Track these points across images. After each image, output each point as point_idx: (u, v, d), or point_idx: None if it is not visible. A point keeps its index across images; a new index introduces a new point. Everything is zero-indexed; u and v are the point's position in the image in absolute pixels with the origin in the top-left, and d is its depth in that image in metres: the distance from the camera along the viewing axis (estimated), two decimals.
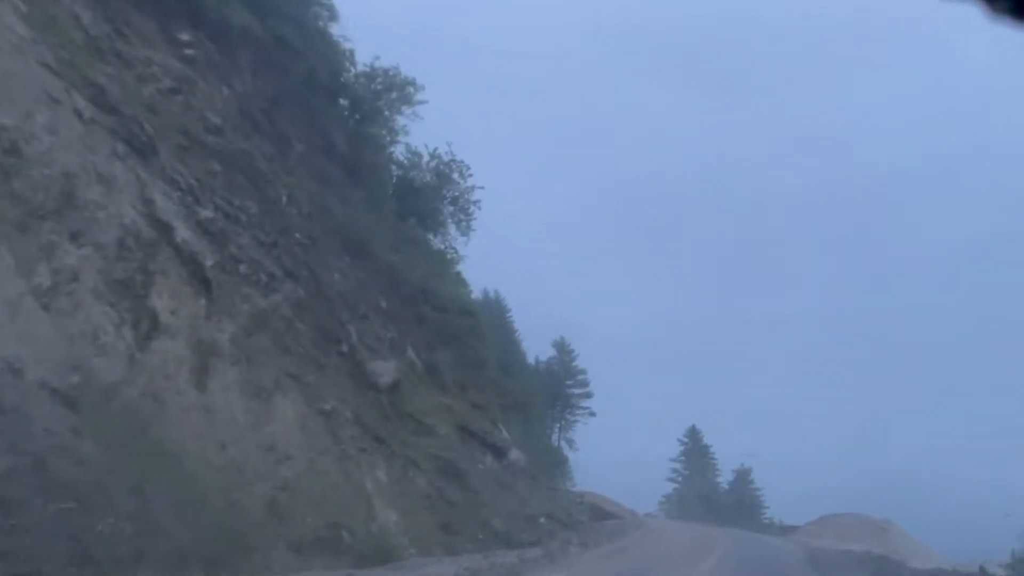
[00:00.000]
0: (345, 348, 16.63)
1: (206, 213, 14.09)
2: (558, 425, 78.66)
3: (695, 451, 75.83)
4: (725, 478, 74.23)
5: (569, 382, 78.97)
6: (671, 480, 76.31)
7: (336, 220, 18.96)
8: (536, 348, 77.16)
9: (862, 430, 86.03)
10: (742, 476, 75.00)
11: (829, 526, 29.13)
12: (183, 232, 12.75)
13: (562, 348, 79.59)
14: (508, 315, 73.56)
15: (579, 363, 78.62)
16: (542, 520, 17.34)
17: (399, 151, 25.41)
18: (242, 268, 14.27)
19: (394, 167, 25.02)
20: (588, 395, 78.67)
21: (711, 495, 74.30)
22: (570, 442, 79.14)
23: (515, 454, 19.91)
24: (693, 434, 75.88)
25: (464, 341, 22.12)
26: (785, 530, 38.84)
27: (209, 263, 13.12)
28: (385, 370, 17.12)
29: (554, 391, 75.64)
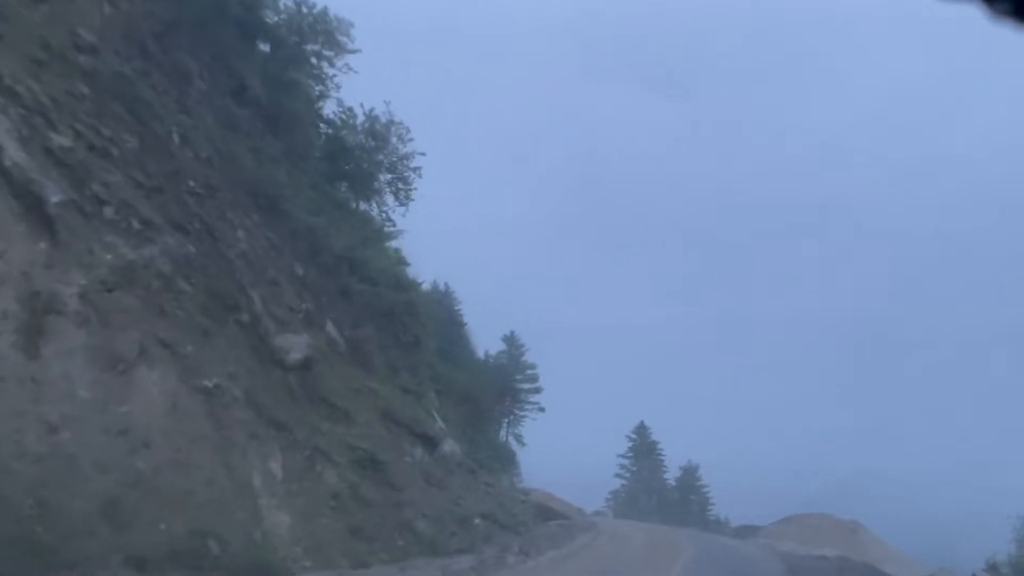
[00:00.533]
0: (246, 317, 13.92)
1: (61, 140, 11.24)
2: (506, 421, 76.81)
3: (643, 448, 74.91)
4: (672, 474, 73.55)
5: (518, 377, 76.89)
6: (619, 476, 75.17)
7: (245, 172, 16.19)
8: (487, 343, 75.17)
9: (813, 431, 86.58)
10: (689, 473, 74.41)
11: (795, 527, 27.59)
12: (16, 154, 9.93)
13: (512, 343, 77.40)
14: (458, 308, 71.52)
15: (529, 358, 76.97)
16: (477, 522, 14.99)
17: (330, 108, 22.65)
18: (107, 211, 11.46)
19: (323, 125, 22.22)
20: (538, 390, 76.52)
21: (658, 492, 73.56)
22: (519, 438, 77.00)
23: (450, 446, 17.49)
24: (641, 431, 74.83)
25: (397, 319, 19.58)
26: (745, 531, 37.33)
27: (55, 199, 10.32)
28: (295, 345, 14.48)
29: (503, 386, 73.69)
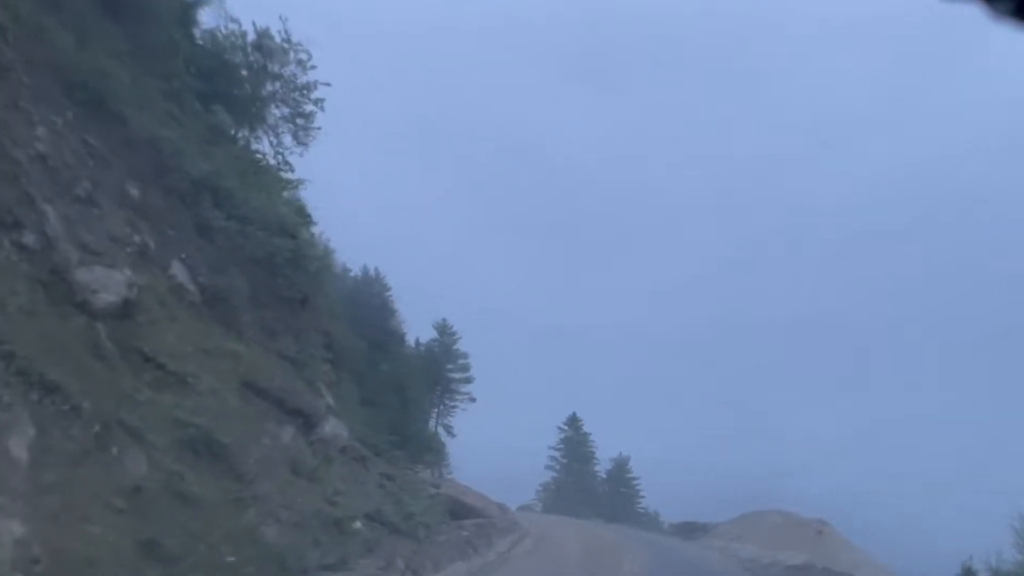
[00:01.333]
0: (31, 239, 9.83)
1: None
2: (436, 411, 72.88)
3: (575, 440, 72.60)
4: (603, 467, 71.60)
5: (450, 366, 73.21)
6: (550, 468, 72.64)
7: (57, 54, 11.95)
8: (419, 332, 71.22)
9: (744, 428, 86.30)
10: (619, 466, 72.72)
11: (751, 526, 24.72)
12: None
13: (444, 330, 73.45)
14: (388, 294, 67.13)
15: (461, 347, 73.32)
16: (358, 525, 11.25)
17: (208, 16, 18.38)
18: None
19: (199, 33, 17.96)
20: (469, 380, 73.09)
21: (589, 485, 71.38)
22: (448, 429, 73.36)
23: (333, 426, 13.67)
24: (573, 422, 72.49)
25: (280, 270, 15.61)
26: (690, 530, 34.38)
27: None
28: (108, 283, 10.45)
29: (434, 375, 69.76)
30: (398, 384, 55.39)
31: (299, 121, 20.49)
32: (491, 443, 75.61)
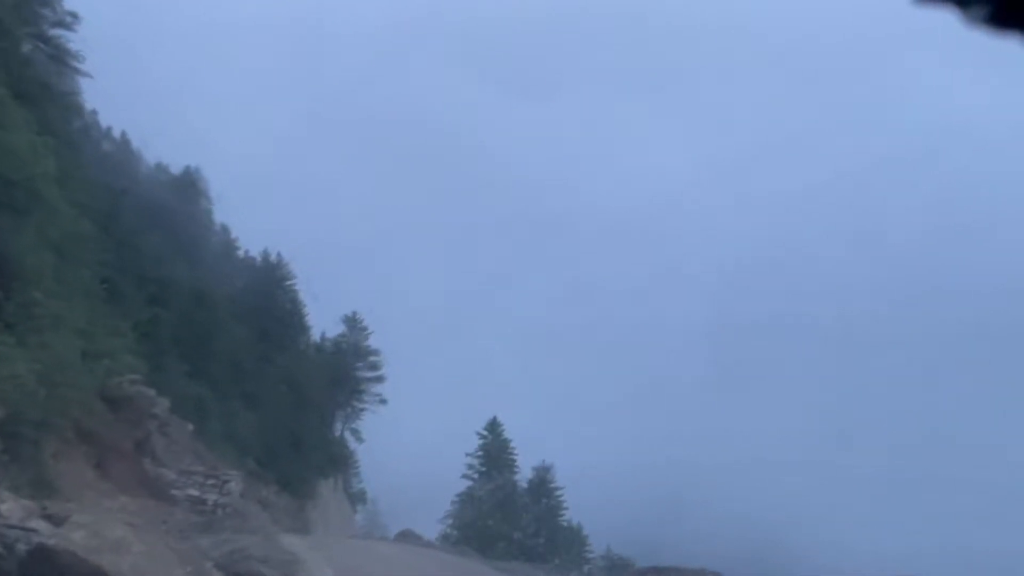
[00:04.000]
0: None
1: None
2: (342, 413, 67.16)
3: (495, 446, 67.92)
4: (524, 476, 67.15)
5: (359, 364, 67.80)
6: (467, 477, 67.56)
7: None
8: (326, 326, 65.49)
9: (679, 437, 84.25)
10: (541, 474, 68.28)
11: None
12: None
13: (353, 324, 68.17)
14: (290, 283, 61.31)
15: (372, 343, 67.97)
16: None
17: None
18: None
19: None
20: (380, 379, 67.85)
21: (508, 496, 66.66)
22: (356, 434, 67.73)
23: None
24: (494, 427, 67.76)
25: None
26: None
27: None
28: None
29: (340, 373, 64.22)
30: (293, 381, 50.35)
31: None
32: (404, 449, 70.39)
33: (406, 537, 37.56)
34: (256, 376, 43.31)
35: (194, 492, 17.24)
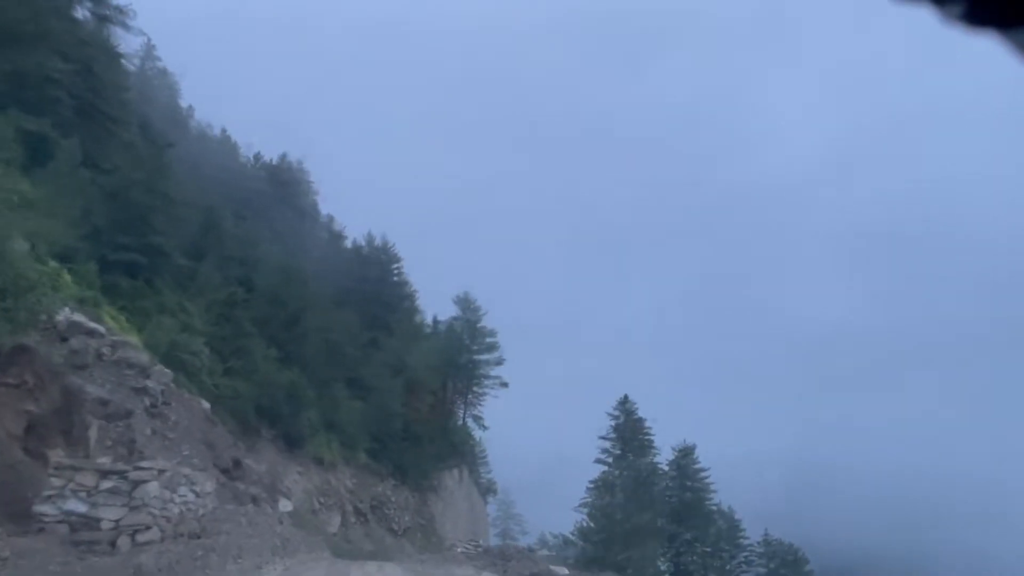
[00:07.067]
0: None
1: None
2: (462, 399, 63.76)
3: (628, 427, 61.53)
4: (662, 457, 60.42)
5: (475, 347, 64.10)
6: (601, 462, 61.58)
7: None
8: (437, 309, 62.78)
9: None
10: (684, 456, 61.45)
11: None
12: None
13: (466, 305, 64.66)
14: (397, 266, 58.78)
15: (487, 323, 64.05)
16: None
17: None
18: None
19: None
20: (499, 361, 63.93)
21: (647, 479, 60.10)
22: (479, 420, 64.21)
23: None
24: (625, 406, 61.35)
25: None
26: None
27: None
28: None
29: (456, 357, 60.82)
30: (405, 367, 46.96)
31: None
32: (531, 435, 66.09)
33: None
34: (362, 362, 40.12)
35: (79, 507, 10.26)
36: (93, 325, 12.87)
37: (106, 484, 10.33)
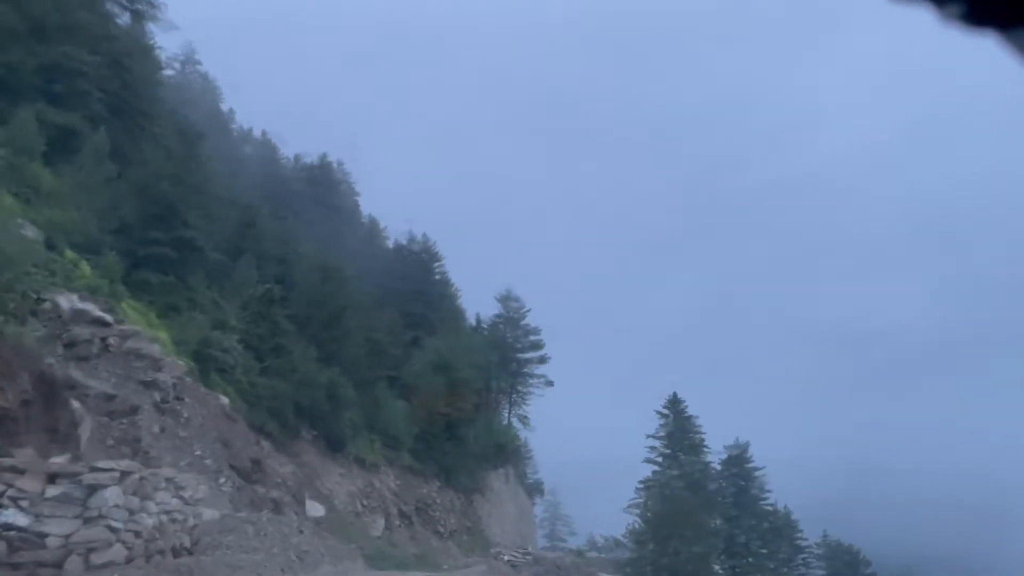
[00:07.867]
0: None
1: None
2: (507, 399, 62.66)
3: (678, 426, 59.38)
4: (715, 457, 58.19)
5: (519, 345, 62.95)
6: (650, 461, 59.54)
7: None
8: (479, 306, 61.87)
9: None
10: (738, 454, 59.15)
11: None
12: None
13: (509, 302, 63.57)
14: (438, 264, 58.10)
15: (530, 321, 62.81)
16: None
17: None
18: None
19: None
20: (543, 359, 62.66)
21: (700, 480, 57.87)
22: (524, 420, 63.04)
23: None
24: (675, 404, 59.22)
25: None
26: None
27: None
28: None
29: (500, 355, 59.79)
30: (448, 366, 46.00)
31: None
32: (578, 435, 64.57)
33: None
34: (404, 362, 39.25)
35: (19, 520, 8.44)
36: (100, 314, 12.06)
37: (53, 491, 8.57)
